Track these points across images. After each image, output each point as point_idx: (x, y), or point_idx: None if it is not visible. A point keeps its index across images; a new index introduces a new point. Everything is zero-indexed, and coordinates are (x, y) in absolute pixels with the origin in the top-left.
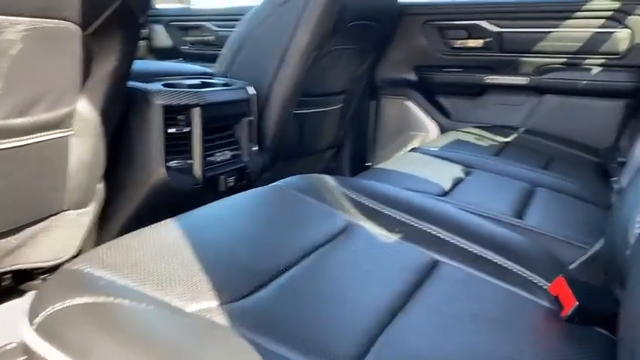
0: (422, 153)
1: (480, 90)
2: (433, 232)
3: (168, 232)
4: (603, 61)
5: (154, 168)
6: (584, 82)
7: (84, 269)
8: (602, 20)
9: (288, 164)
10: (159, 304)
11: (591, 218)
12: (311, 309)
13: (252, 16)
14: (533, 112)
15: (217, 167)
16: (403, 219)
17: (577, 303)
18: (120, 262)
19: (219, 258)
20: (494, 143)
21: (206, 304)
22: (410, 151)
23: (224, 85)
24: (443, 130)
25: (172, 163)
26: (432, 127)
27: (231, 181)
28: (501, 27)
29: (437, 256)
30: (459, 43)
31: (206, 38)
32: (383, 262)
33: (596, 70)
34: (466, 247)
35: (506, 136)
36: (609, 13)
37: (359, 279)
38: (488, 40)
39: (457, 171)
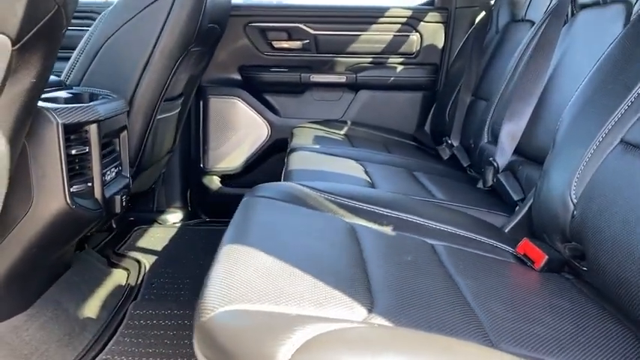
0: (308, 151)
1: (304, 88)
2: (414, 221)
3: (257, 254)
4: (402, 60)
5: (56, 195)
6: (390, 78)
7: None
8: (399, 26)
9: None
10: (332, 320)
11: (475, 192)
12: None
13: (109, 18)
14: (351, 105)
15: (110, 187)
16: (385, 213)
17: (547, 257)
18: (260, 292)
19: (319, 272)
20: (342, 136)
21: (360, 313)
22: (290, 151)
23: (98, 97)
24: (273, 127)
25: (74, 188)
26: (262, 125)
27: (124, 200)
28: (317, 30)
29: (430, 241)
30: (280, 44)
31: None
32: (390, 253)
33: (398, 67)
34: (442, 228)
35: (341, 129)
36: (404, 19)
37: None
38: (306, 41)
39: (354, 164)
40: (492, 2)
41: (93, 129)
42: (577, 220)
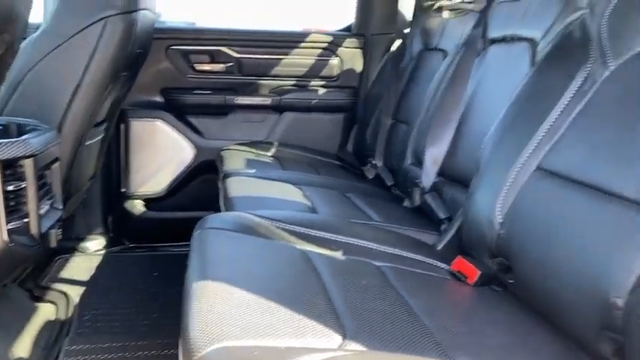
0: (244, 177)
1: (228, 110)
2: (360, 244)
3: (229, 289)
4: (324, 83)
5: None
6: (313, 100)
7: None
8: (320, 50)
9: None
10: (317, 350)
11: (404, 211)
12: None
13: (32, 47)
14: (275, 127)
15: (45, 221)
16: (333, 238)
17: (480, 272)
18: (243, 327)
19: (290, 302)
20: (271, 158)
21: (336, 340)
22: (225, 177)
23: (26, 127)
24: (198, 149)
25: (11, 225)
26: (187, 147)
27: (59, 233)
28: (240, 53)
29: (376, 263)
30: (203, 67)
31: None
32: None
33: (319, 90)
34: (384, 250)
35: (268, 151)
36: (325, 44)
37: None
38: (229, 64)
39: (291, 188)
40: (407, 31)
41: (28, 164)
42: (503, 238)
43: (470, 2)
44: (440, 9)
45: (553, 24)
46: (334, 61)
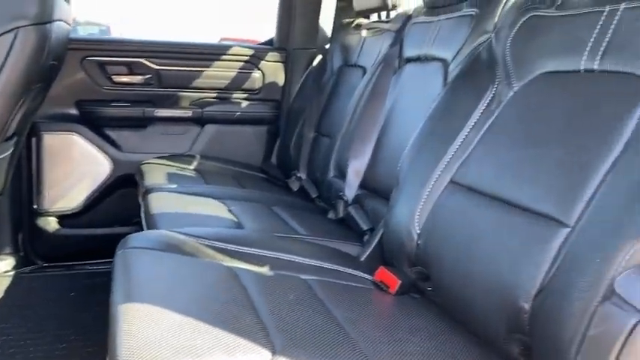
0: (166, 192)
1: (147, 122)
2: (286, 259)
3: (157, 310)
4: (246, 95)
5: None
6: (235, 112)
7: None
8: (243, 63)
9: None
10: None
11: (328, 223)
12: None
13: None
14: (197, 140)
15: None
16: (260, 253)
17: (400, 282)
18: (174, 348)
19: (219, 321)
20: (193, 172)
21: (266, 356)
22: (146, 192)
23: None
24: (116, 162)
25: None
26: (103, 161)
27: None
28: (159, 65)
29: (303, 277)
30: (120, 79)
31: None
32: (275, 294)
33: (242, 103)
34: (310, 263)
35: (190, 164)
36: (246, 57)
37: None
38: (148, 76)
39: (216, 203)
40: (327, 46)
41: None
42: (421, 248)
43: (386, 22)
44: (358, 27)
45: (463, 46)
46: (256, 74)
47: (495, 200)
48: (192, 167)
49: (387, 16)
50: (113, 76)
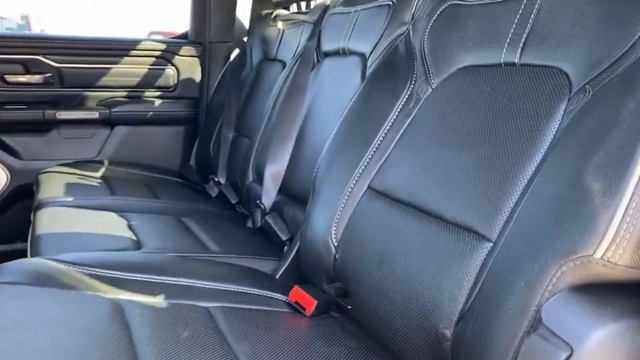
0: (59, 206)
1: (49, 126)
2: (187, 284)
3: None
4: (160, 94)
5: None
6: (149, 112)
7: None
8: (154, 59)
9: None
10: None
11: (245, 235)
12: None
13: None
14: (107, 143)
15: None
16: (154, 280)
17: (316, 302)
18: None
19: None
20: (99, 180)
21: None
22: (37, 208)
23: None
24: (13, 172)
25: None
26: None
27: None
28: (60, 62)
29: (205, 304)
30: (15, 79)
31: None
32: (164, 330)
33: (156, 101)
34: (216, 287)
35: (98, 171)
36: (158, 52)
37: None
38: (47, 75)
39: (116, 218)
40: (246, 39)
41: None
42: (339, 262)
43: (304, 13)
44: (277, 18)
45: (380, 39)
46: (170, 70)
47: (413, 208)
48: (98, 175)
49: (308, 7)
50: (7, 76)
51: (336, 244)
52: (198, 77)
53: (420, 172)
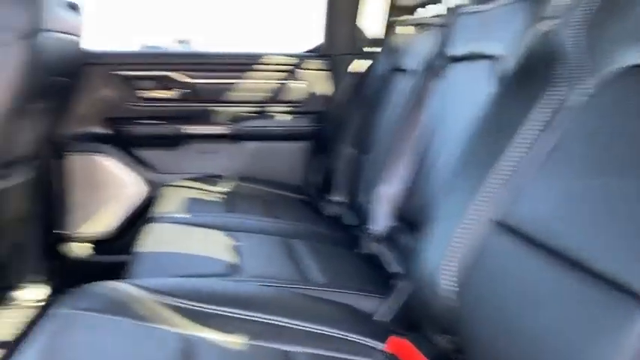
0: (169, 223)
1: (181, 140)
2: (275, 323)
3: None
4: (287, 108)
5: None
6: (275, 127)
7: None
8: (283, 73)
9: None
10: None
11: (354, 263)
12: None
13: None
14: (234, 158)
15: None
16: (239, 316)
17: (420, 356)
18: None
19: None
20: (220, 196)
21: None
22: (149, 221)
23: None
24: (150, 184)
25: None
26: (136, 183)
27: None
28: (192, 78)
29: (289, 348)
30: (150, 94)
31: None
32: None
33: (283, 116)
34: (306, 329)
35: (221, 186)
36: (288, 67)
37: None
38: (180, 90)
39: (222, 239)
40: (374, 50)
41: None
42: (453, 310)
43: (433, 17)
44: (407, 25)
45: (517, 39)
46: (298, 84)
47: (553, 252)
48: (219, 190)
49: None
50: (142, 92)
51: (450, 286)
52: (325, 91)
53: (565, 205)
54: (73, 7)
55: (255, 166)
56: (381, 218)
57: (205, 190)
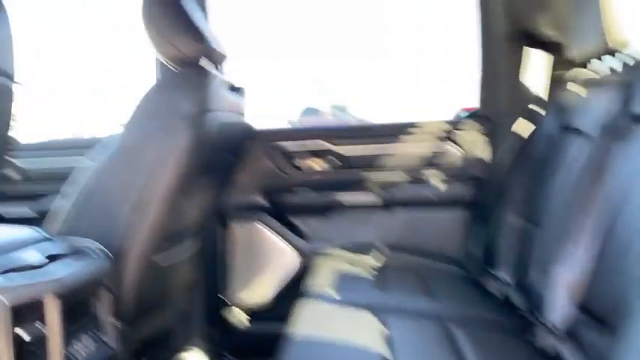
0: (321, 300)
1: (334, 209)
2: None
3: None
4: (442, 174)
5: None
6: (429, 194)
7: None
8: (438, 138)
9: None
10: None
11: (523, 354)
12: None
13: (103, 163)
14: (386, 226)
15: None
16: None
17: None
18: None
19: None
20: (370, 269)
21: None
22: (301, 297)
23: (72, 252)
24: (304, 253)
25: None
26: (289, 252)
27: None
28: (345, 149)
29: None
30: (306, 165)
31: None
32: None
33: (438, 183)
34: None
35: (373, 256)
36: (442, 131)
37: None
38: (334, 161)
39: (374, 324)
40: (539, 109)
41: (52, 303)
42: None
43: (611, 71)
44: (574, 81)
45: None
46: (453, 148)
47: None
48: (372, 262)
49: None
50: (298, 162)
51: None
52: (483, 155)
53: None
54: (237, 90)
55: (408, 235)
56: (558, 306)
57: (356, 262)
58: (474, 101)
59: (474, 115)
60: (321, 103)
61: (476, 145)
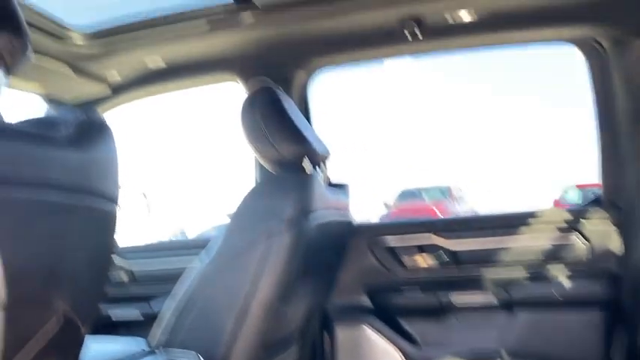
0: None
1: (445, 311)
2: None
3: None
4: (568, 270)
5: None
6: (555, 294)
7: None
8: (559, 229)
9: None
10: None
11: None
12: None
13: (202, 272)
14: (507, 331)
15: None
16: None
17: None
18: None
19: None
20: None
21: None
22: None
23: None
24: (410, 359)
25: None
26: (397, 358)
27: None
28: (456, 244)
29: None
30: (413, 262)
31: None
32: None
33: (564, 280)
34: None
35: None
36: (564, 222)
37: None
38: (442, 257)
39: None
40: None
41: None
42: None
43: None
44: None
45: None
46: (578, 240)
47: None
48: None
49: None
50: (403, 259)
51: None
52: (615, 248)
53: None
54: (341, 187)
55: (533, 341)
56: None
57: None
58: (582, 177)
59: (597, 201)
60: (420, 184)
61: (605, 235)
